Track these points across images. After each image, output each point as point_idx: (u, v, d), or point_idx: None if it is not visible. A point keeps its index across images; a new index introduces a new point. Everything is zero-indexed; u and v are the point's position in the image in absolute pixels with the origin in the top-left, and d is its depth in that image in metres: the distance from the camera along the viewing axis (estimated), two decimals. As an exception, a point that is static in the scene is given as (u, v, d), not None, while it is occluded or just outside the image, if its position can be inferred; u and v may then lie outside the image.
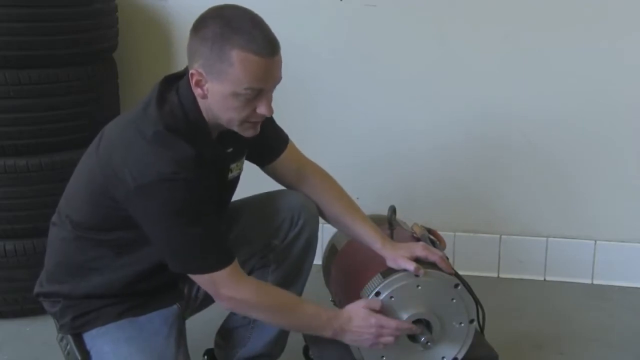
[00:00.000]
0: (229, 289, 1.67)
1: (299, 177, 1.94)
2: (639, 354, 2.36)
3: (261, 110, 1.63)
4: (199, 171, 1.59)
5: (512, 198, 2.86)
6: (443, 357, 1.92)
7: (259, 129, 1.70)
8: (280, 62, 1.62)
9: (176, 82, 1.70)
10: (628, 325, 2.54)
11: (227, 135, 1.73)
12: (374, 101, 2.82)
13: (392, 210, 2.02)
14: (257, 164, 1.95)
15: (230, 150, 1.77)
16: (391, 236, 1.99)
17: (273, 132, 1.92)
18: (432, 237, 2.00)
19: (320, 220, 1.96)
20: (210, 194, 1.65)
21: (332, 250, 2.16)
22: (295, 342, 2.07)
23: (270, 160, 1.93)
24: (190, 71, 1.62)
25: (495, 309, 2.07)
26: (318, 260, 2.13)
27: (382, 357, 1.88)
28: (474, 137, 2.81)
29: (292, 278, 1.91)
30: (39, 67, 2.33)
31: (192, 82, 1.62)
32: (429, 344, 1.82)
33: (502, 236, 2.88)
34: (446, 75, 2.77)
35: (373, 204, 2.26)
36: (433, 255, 1.85)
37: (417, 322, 1.85)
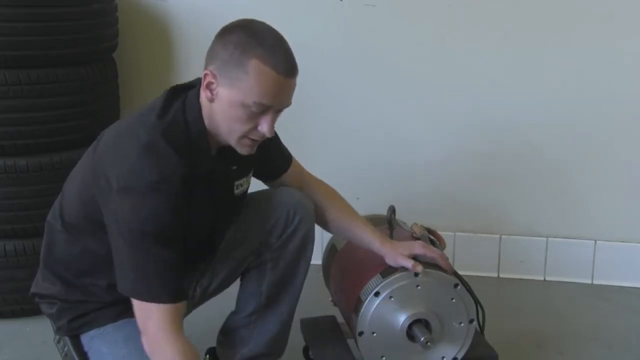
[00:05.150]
0: (158, 329, 1.57)
1: (302, 189, 1.95)
2: (639, 354, 2.36)
3: (262, 128, 1.61)
4: (184, 190, 1.56)
5: (512, 198, 2.86)
6: (443, 357, 1.92)
7: (255, 150, 1.68)
8: (294, 87, 1.62)
9: (184, 92, 1.68)
10: (628, 325, 2.54)
11: (228, 152, 1.71)
12: (373, 101, 2.82)
13: (392, 210, 2.02)
14: (262, 180, 1.96)
15: (234, 168, 1.77)
16: (391, 236, 2.00)
17: (279, 151, 1.93)
18: (432, 237, 2.00)
19: (320, 221, 1.97)
20: (193, 219, 1.61)
21: (332, 250, 2.17)
22: (295, 342, 2.07)
23: (274, 178, 1.95)
24: (205, 71, 1.60)
25: (495, 309, 2.08)
26: (318, 260, 2.13)
27: (382, 357, 1.88)
28: (474, 137, 2.81)
29: (289, 277, 1.91)
30: (39, 67, 2.33)
31: (204, 84, 1.61)
32: (428, 344, 1.83)
33: (502, 236, 2.88)
34: (445, 75, 2.76)
35: (373, 204, 2.26)
36: (432, 252, 1.85)
37: (416, 322, 1.85)
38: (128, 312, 1.73)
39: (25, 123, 2.33)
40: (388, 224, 2.02)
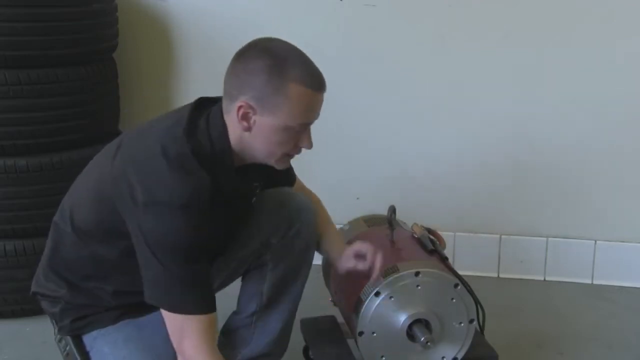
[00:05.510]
0: (194, 342, 1.57)
1: None
2: (639, 354, 2.36)
3: (304, 144, 1.65)
4: (211, 205, 1.56)
5: (512, 198, 2.86)
6: (443, 357, 1.92)
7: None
8: (323, 98, 1.65)
9: (208, 107, 1.67)
10: (628, 325, 2.54)
11: (249, 170, 1.71)
12: (373, 101, 2.82)
13: (392, 210, 2.02)
14: None
15: (256, 184, 1.78)
16: (391, 236, 2.00)
17: (289, 170, 1.93)
18: (432, 237, 2.00)
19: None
20: (214, 233, 1.62)
21: (332, 250, 2.16)
22: (295, 342, 2.07)
23: None
24: (238, 103, 1.58)
25: (495, 309, 2.08)
26: (318, 260, 2.13)
27: (382, 357, 1.88)
28: (474, 137, 2.81)
29: (290, 278, 1.91)
30: (39, 67, 2.33)
31: (238, 115, 1.59)
32: (428, 344, 1.83)
33: (502, 236, 2.88)
34: (445, 75, 2.76)
35: (373, 204, 2.26)
36: (364, 246, 1.86)
37: (417, 322, 1.85)
38: (128, 314, 1.73)
39: (25, 123, 2.33)
40: (388, 224, 2.02)
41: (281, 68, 1.56)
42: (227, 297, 1.98)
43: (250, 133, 1.61)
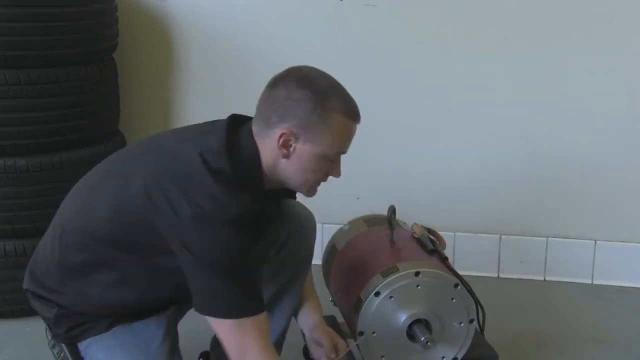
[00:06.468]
0: (258, 347, 1.58)
1: None
2: (639, 354, 2.36)
3: (334, 173, 1.68)
4: (252, 221, 1.58)
5: (512, 198, 2.86)
6: (443, 357, 1.92)
7: None
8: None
9: (239, 126, 1.67)
10: (628, 325, 2.54)
11: (279, 192, 1.73)
12: (372, 101, 2.80)
13: (392, 210, 2.02)
14: None
15: (274, 207, 1.80)
16: (391, 236, 2.00)
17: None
18: (432, 237, 2.00)
19: (320, 220, 1.95)
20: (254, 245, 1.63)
21: (332, 251, 2.16)
22: (295, 342, 2.06)
23: None
24: (279, 131, 1.58)
25: (495, 309, 2.08)
26: (318, 260, 2.13)
27: (382, 357, 1.88)
28: (473, 137, 2.81)
29: (286, 289, 1.90)
30: (39, 67, 2.33)
31: (279, 142, 1.59)
32: (428, 344, 1.83)
33: (502, 236, 2.88)
34: (445, 75, 2.76)
35: (373, 204, 2.26)
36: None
37: (417, 322, 1.85)
38: (121, 320, 1.71)
39: (25, 123, 2.34)
40: (388, 224, 2.02)
41: (325, 98, 1.59)
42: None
43: (288, 160, 1.62)
